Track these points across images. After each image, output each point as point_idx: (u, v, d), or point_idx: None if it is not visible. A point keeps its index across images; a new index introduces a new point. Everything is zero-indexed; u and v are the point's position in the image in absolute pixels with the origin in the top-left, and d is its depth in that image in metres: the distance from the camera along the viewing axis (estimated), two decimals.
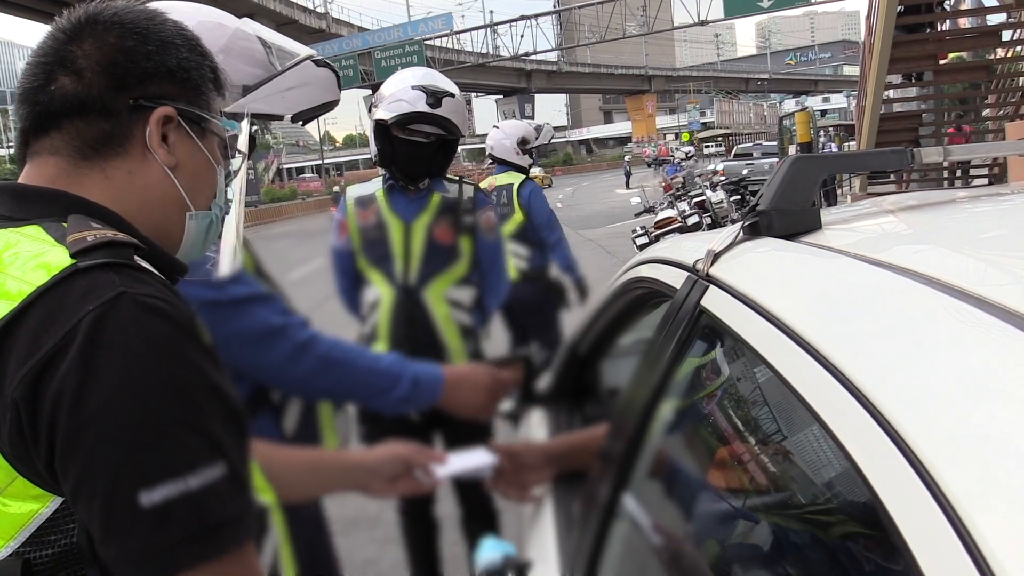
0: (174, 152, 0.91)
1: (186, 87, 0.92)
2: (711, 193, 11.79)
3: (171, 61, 0.91)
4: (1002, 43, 10.61)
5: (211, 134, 0.97)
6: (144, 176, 0.90)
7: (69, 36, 0.87)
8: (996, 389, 0.55)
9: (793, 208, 1.08)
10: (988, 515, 0.46)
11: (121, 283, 0.76)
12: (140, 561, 0.72)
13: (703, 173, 16.13)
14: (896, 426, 0.56)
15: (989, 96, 11.81)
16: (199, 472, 0.74)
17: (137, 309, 0.75)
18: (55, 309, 0.74)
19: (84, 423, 0.71)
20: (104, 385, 0.72)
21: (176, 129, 0.91)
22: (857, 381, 0.63)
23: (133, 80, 0.88)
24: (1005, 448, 0.49)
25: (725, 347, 1.06)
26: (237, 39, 1.47)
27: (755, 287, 0.95)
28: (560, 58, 66.49)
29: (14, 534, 0.77)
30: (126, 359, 0.73)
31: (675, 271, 1.28)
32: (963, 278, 0.71)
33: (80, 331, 0.72)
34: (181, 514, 0.72)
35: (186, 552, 0.73)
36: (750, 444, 1.02)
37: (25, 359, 0.73)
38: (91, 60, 0.86)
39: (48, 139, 0.88)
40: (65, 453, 0.72)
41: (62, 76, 0.86)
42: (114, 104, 0.87)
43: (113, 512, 0.72)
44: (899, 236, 1.13)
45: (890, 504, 0.53)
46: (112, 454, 0.72)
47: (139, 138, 0.89)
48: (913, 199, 1.39)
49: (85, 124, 0.87)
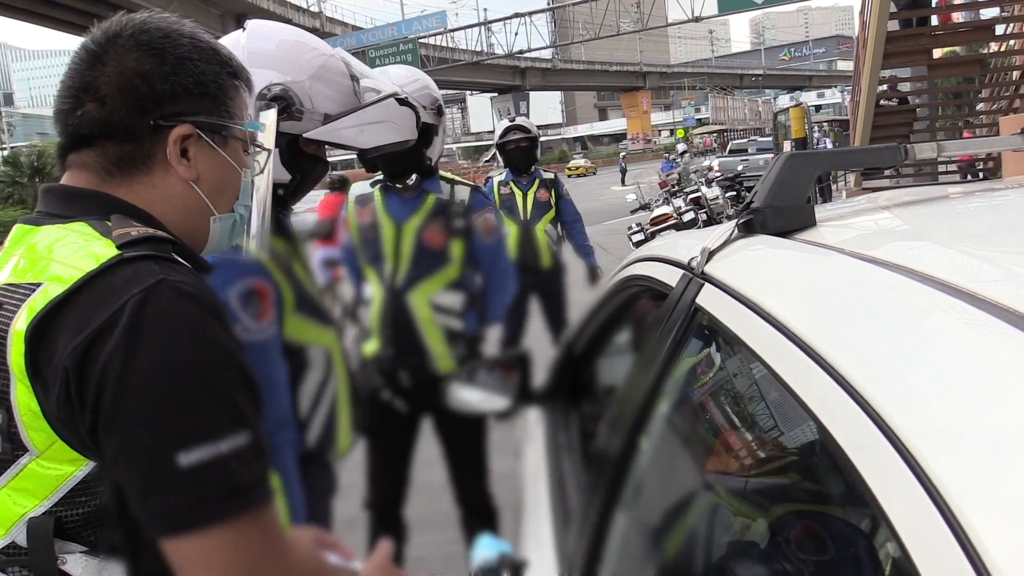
0: (195, 165, 0.99)
1: (204, 100, 0.99)
2: (706, 189, 11.80)
3: (187, 79, 0.97)
4: (995, 37, 10.62)
5: (233, 139, 1.04)
6: (168, 188, 0.98)
7: (93, 59, 0.95)
8: (990, 386, 0.55)
9: (787, 205, 1.08)
10: (982, 511, 0.46)
11: (161, 271, 0.86)
12: (176, 516, 0.81)
13: (698, 169, 16.14)
14: (890, 423, 0.56)
15: (983, 90, 11.82)
16: (228, 438, 0.83)
17: (175, 294, 0.84)
18: (103, 291, 0.84)
19: (128, 392, 0.81)
20: (147, 360, 0.81)
21: (196, 142, 0.98)
22: (852, 378, 0.63)
23: (151, 103, 0.95)
24: (999, 444, 0.49)
25: (721, 345, 1.06)
26: (328, 67, 1.51)
27: (750, 285, 0.95)
28: (554, 55, 66.40)
29: (49, 494, 0.87)
30: (166, 338, 0.83)
31: (670, 269, 1.28)
32: (957, 275, 0.71)
33: (125, 311, 0.82)
34: (213, 474, 0.82)
35: (217, 508, 0.82)
36: (746, 440, 1.02)
37: (76, 333, 0.82)
38: (112, 86, 0.94)
39: (80, 155, 0.97)
40: (110, 418, 0.81)
41: (88, 101, 0.95)
42: (136, 127, 0.95)
43: (154, 471, 0.81)
44: (894, 232, 1.13)
45: (884, 501, 0.53)
46: (153, 420, 0.81)
47: (161, 155, 0.97)
48: (907, 195, 1.39)
49: (112, 145, 0.96)
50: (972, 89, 11.96)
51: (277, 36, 1.55)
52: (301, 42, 1.53)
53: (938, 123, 12.41)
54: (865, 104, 9.95)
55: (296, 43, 1.53)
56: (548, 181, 4.92)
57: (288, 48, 1.52)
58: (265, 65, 1.47)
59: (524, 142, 4.85)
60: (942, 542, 0.46)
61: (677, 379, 1.18)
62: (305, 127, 1.49)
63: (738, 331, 0.90)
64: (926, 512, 0.48)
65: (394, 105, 1.59)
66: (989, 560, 0.43)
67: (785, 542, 0.94)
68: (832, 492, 0.80)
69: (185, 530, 0.82)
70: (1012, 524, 0.44)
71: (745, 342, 0.87)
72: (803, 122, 15.03)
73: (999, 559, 0.43)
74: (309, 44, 1.54)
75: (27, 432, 0.86)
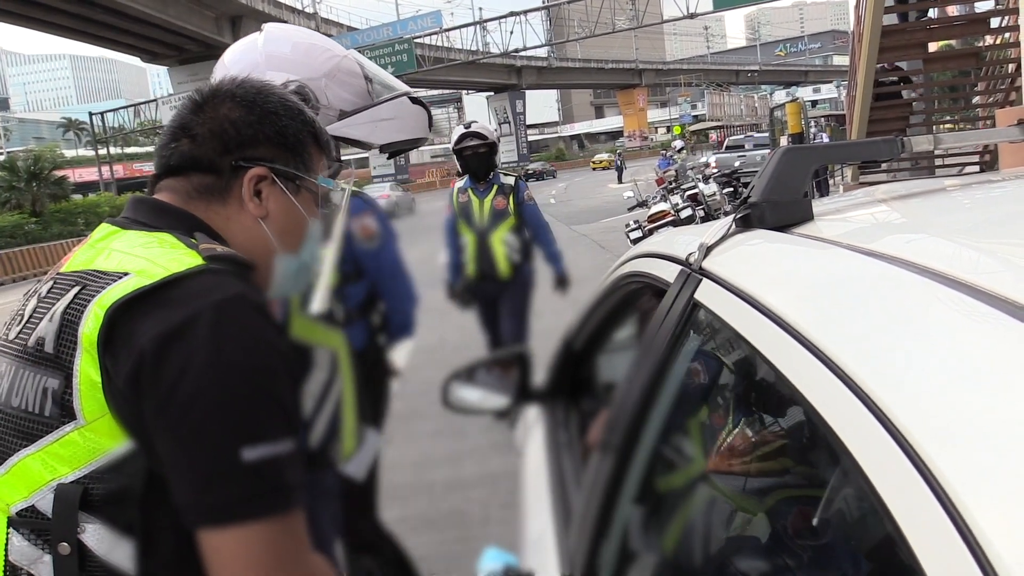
0: (266, 204, 1.10)
1: (282, 150, 1.11)
2: (704, 186, 11.80)
3: (270, 129, 1.10)
4: (991, 30, 10.63)
5: (306, 191, 1.14)
6: (239, 221, 1.09)
7: (196, 107, 1.09)
8: (991, 377, 0.55)
9: (785, 199, 1.08)
10: (985, 505, 0.46)
11: (241, 287, 0.95)
12: (232, 507, 0.88)
13: (695, 166, 16.14)
14: (891, 416, 0.55)
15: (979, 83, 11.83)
16: (282, 441, 0.91)
17: (252, 308, 0.94)
18: (189, 291, 0.92)
19: (207, 385, 0.88)
20: (227, 360, 0.89)
21: (270, 185, 1.10)
22: (852, 372, 0.63)
23: (235, 144, 1.08)
24: (1001, 436, 0.49)
25: (720, 341, 1.06)
26: (341, 68, 1.59)
27: (748, 280, 0.94)
28: (550, 54, 66.34)
29: (82, 464, 0.92)
30: (242, 345, 0.91)
31: (668, 265, 1.28)
32: (956, 267, 0.71)
33: (207, 313, 0.90)
34: (269, 472, 0.89)
35: (267, 503, 0.89)
36: (745, 434, 1.02)
37: (161, 322, 0.89)
38: (204, 128, 1.08)
39: (168, 182, 1.10)
40: (186, 406, 0.88)
41: (183, 138, 1.08)
42: (219, 163, 1.08)
43: (219, 463, 0.88)
44: (892, 225, 1.13)
45: (886, 494, 0.53)
46: (225, 415, 0.88)
47: (237, 191, 1.09)
48: (905, 188, 1.38)
49: (197, 175, 1.08)
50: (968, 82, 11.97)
51: (293, 39, 1.61)
52: (316, 44, 1.60)
53: (934, 116, 12.42)
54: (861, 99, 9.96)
55: (311, 45, 1.61)
56: (507, 187, 4.77)
57: (303, 51, 1.59)
58: (281, 68, 1.54)
59: (481, 148, 4.73)
60: (944, 534, 0.46)
61: (676, 375, 1.17)
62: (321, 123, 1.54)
63: (737, 326, 0.89)
64: (927, 504, 0.48)
65: (407, 103, 1.66)
66: (992, 552, 0.43)
67: (786, 537, 0.94)
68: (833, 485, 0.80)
69: (234, 522, 0.88)
70: (1014, 515, 0.44)
71: (744, 337, 0.86)
72: (799, 117, 15.05)
73: (1002, 551, 0.43)
74: (323, 46, 1.61)
75: (81, 401, 0.92)
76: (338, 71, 1.58)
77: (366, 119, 1.60)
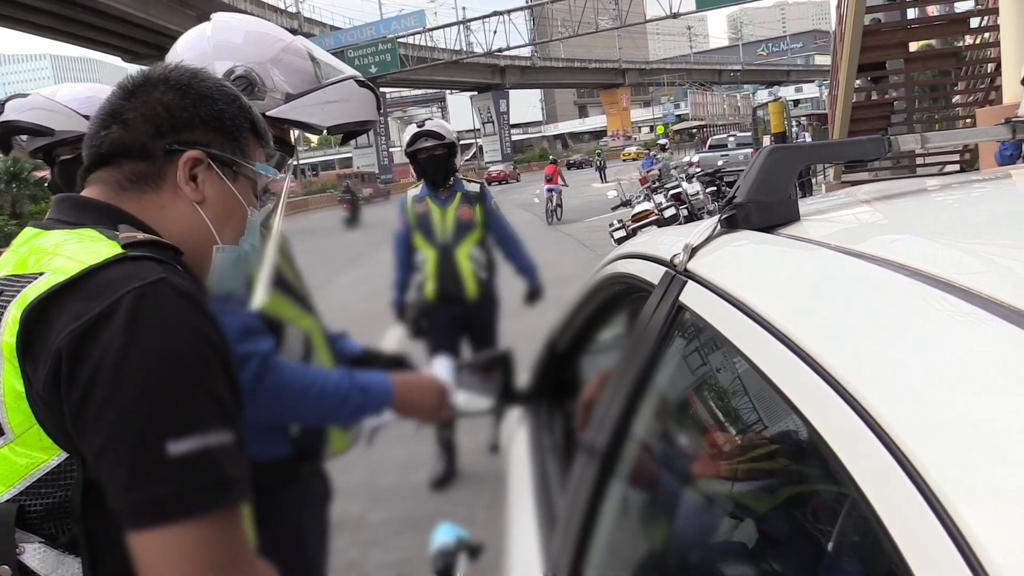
0: (202, 190, 1.05)
1: (218, 134, 1.07)
2: (687, 185, 11.86)
3: (205, 112, 1.06)
4: (970, 30, 10.72)
5: (243, 178, 1.11)
6: (175, 209, 1.05)
7: (127, 94, 1.05)
8: (976, 377, 0.54)
9: (770, 200, 1.07)
10: (973, 505, 0.45)
11: (163, 271, 0.90)
12: (160, 505, 0.82)
13: (679, 165, 16.20)
14: (877, 418, 0.55)
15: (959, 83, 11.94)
16: (216, 433, 0.86)
17: (174, 293, 0.88)
18: (105, 282, 0.87)
19: (124, 378, 0.83)
20: (145, 350, 0.84)
21: (206, 170, 1.05)
22: (837, 374, 0.62)
23: (168, 128, 1.03)
24: (987, 437, 0.48)
25: (705, 343, 1.05)
26: (287, 52, 1.61)
27: (734, 282, 0.93)
28: (533, 53, 66.50)
29: (16, 481, 0.87)
30: (163, 331, 0.86)
31: (653, 266, 1.27)
32: (941, 267, 0.71)
33: (124, 302, 0.85)
34: (201, 465, 0.84)
35: (200, 500, 0.84)
36: (731, 438, 1.01)
37: (75, 318, 0.85)
38: (136, 112, 1.03)
39: (98, 173, 1.05)
40: (103, 403, 0.83)
41: (114, 125, 1.03)
42: (152, 148, 1.03)
43: (142, 458, 0.82)
44: (877, 226, 1.13)
45: (872, 495, 0.52)
46: (146, 408, 0.83)
47: (171, 177, 1.04)
48: (889, 188, 1.38)
49: (128, 163, 1.03)
50: (948, 82, 12.07)
51: (243, 28, 1.62)
52: (266, 33, 1.62)
53: (915, 116, 12.52)
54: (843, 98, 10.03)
55: (261, 34, 1.62)
56: (471, 195, 4.19)
57: (253, 39, 1.60)
58: (231, 56, 1.55)
59: (438, 150, 4.09)
60: (932, 536, 0.46)
61: (662, 377, 1.16)
62: (268, 106, 1.56)
63: (722, 329, 0.89)
64: (914, 505, 0.48)
65: (353, 86, 1.65)
66: (982, 552, 0.42)
67: (772, 540, 0.93)
68: (817, 487, 0.79)
69: (165, 521, 0.82)
70: (1001, 513, 0.44)
71: (729, 339, 0.85)
72: (782, 116, 15.11)
73: (992, 552, 0.42)
74: (273, 34, 1.63)
75: (7, 413, 0.87)
76: (284, 55, 1.59)
77: (312, 101, 1.60)
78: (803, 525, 0.88)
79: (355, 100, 1.67)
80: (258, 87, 1.55)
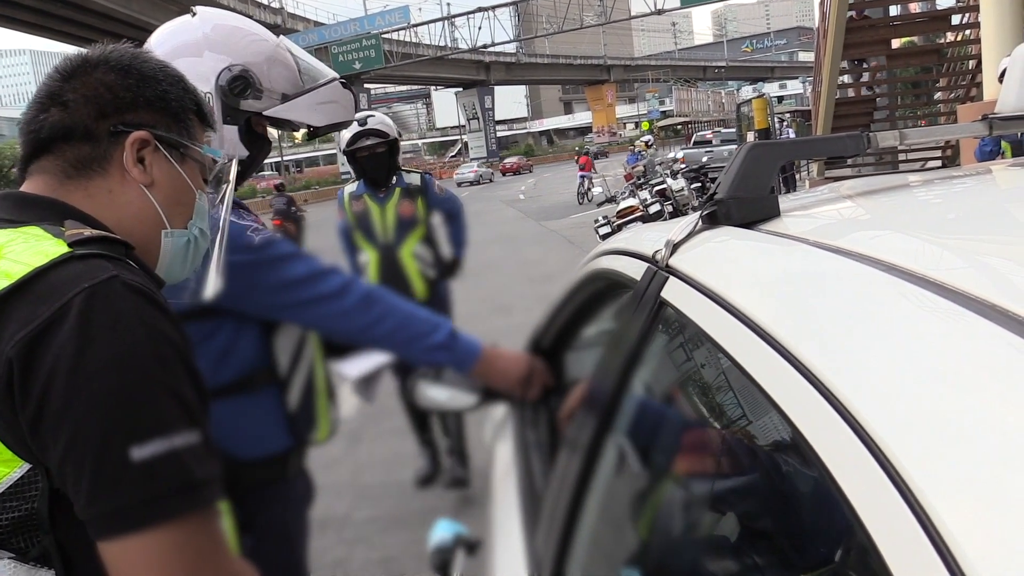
0: (150, 172, 1.01)
1: (164, 115, 1.03)
2: (672, 181, 11.90)
3: (149, 92, 1.02)
4: (952, 27, 10.80)
5: (191, 160, 1.07)
6: (123, 194, 1.00)
7: (65, 76, 1.00)
8: (955, 374, 0.55)
9: (751, 196, 1.07)
10: (949, 501, 0.46)
11: (114, 269, 0.86)
12: (127, 513, 0.79)
13: (663, 161, 16.24)
14: (856, 415, 0.55)
15: (941, 79, 12.01)
16: (181, 434, 0.82)
17: (127, 290, 0.84)
18: (52, 285, 0.83)
19: (80, 385, 0.79)
20: (98, 352, 0.80)
21: (153, 152, 1.02)
22: (816, 369, 0.62)
23: (112, 109, 0.99)
24: (965, 434, 0.49)
25: (687, 338, 1.06)
26: (279, 51, 1.65)
27: (714, 277, 0.94)
28: (519, 49, 66.49)
29: None
30: (118, 331, 0.82)
31: (636, 262, 1.27)
32: (920, 263, 0.71)
33: (75, 304, 0.81)
34: (166, 470, 0.81)
35: (169, 505, 0.81)
36: (713, 432, 1.02)
37: (23, 325, 0.81)
38: (77, 93, 0.98)
39: (39, 162, 1.00)
40: (59, 412, 0.79)
41: (53, 108, 0.98)
42: (95, 130, 0.98)
43: (104, 466, 0.79)
44: (856, 222, 1.13)
45: (849, 490, 0.53)
46: (105, 413, 0.79)
47: (118, 161, 1.00)
48: (869, 184, 1.39)
49: (70, 147, 0.98)
50: (930, 78, 12.15)
51: (232, 23, 1.66)
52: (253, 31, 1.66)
53: (897, 112, 12.60)
54: (826, 94, 10.07)
55: (248, 31, 1.66)
56: (413, 188, 3.93)
57: (243, 35, 1.64)
58: (222, 51, 1.57)
59: (380, 148, 3.84)
60: (909, 532, 0.46)
61: (644, 373, 1.17)
62: (265, 105, 1.60)
63: (703, 324, 0.89)
64: (891, 498, 0.48)
65: (340, 88, 1.72)
66: (957, 550, 0.43)
67: (754, 535, 0.93)
68: (799, 485, 0.80)
69: (133, 529, 0.79)
70: (978, 511, 0.44)
71: (710, 335, 0.86)
72: (766, 113, 15.15)
73: (967, 549, 0.43)
74: (260, 33, 1.67)
75: None
76: (278, 53, 1.63)
77: (306, 102, 1.65)
78: (784, 518, 0.89)
79: (342, 101, 1.73)
80: (255, 85, 1.58)
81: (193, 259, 1.11)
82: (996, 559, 0.41)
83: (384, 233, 3.88)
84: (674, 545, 1.10)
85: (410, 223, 3.88)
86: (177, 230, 1.05)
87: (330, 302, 1.58)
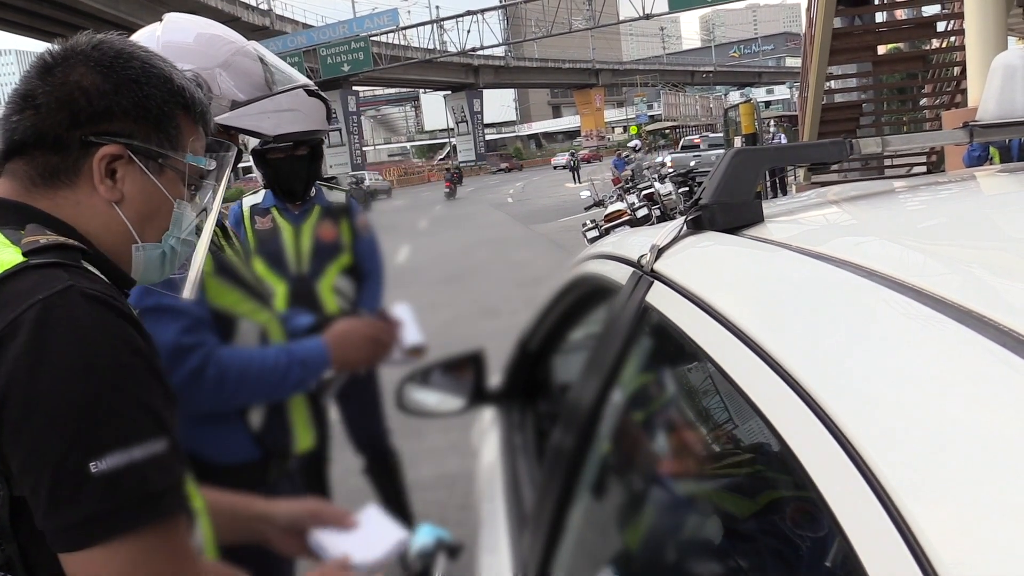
0: (120, 187, 0.96)
1: (142, 124, 0.97)
2: (660, 185, 11.91)
3: (128, 100, 0.95)
4: (937, 34, 10.88)
5: (171, 170, 1.01)
6: (92, 206, 0.95)
7: (44, 70, 0.94)
8: (936, 381, 0.55)
9: (735, 201, 1.08)
10: (925, 505, 0.46)
11: (70, 278, 0.83)
12: (87, 527, 0.78)
13: (651, 166, 16.27)
14: (837, 421, 0.56)
15: (926, 86, 12.09)
16: (144, 444, 0.81)
17: (84, 299, 0.82)
18: (5, 298, 0.80)
19: (37, 398, 0.78)
20: (56, 364, 0.79)
21: (126, 165, 0.96)
22: (797, 375, 0.63)
23: (85, 117, 0.93)
24: (944, 439, 0.49)
25: (671, 343, 1.06)
26: (238, 56, 1.57)
27: (698, 282, 0.94)
28: (507, 53, 66.49)
29: None
30: (76, 341, 0.80)
31: (621, 266, 1.27)
32: (903, 270, 0.71)
33: (28, 317, 0.79)
34: (127, 482, 0.79)
35: (130, 517, 0.80)
36: (696, 437, 1.02)
37: None
38: (50, 96, 0.93)
39: (12, 164, 0.95)
40: (16, 427, 0.78)
41: (27, 111, 0.93)
42: (66, 139, 0.93)
43: (63, 480, 0.77)
44: (840, 228, 1.14)
45: (829, 495, 0.53)
46: (63, 427, 0.78)
47: (88, 172, 0.94)
48: (855, 189, 1.40)
49: (40, 155, 0.94)
50: (915, 85, 12.22)
51: (195, 29, 1.60)
52: (217, 35, 1.59)
53: (884, 118, 12.67)
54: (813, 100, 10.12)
55: (212, 36, 1.59)
56: (335, 208, 3.03)
57: (205, 40, 1.58)
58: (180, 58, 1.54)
59: (300, 149, 2.83)
60: (886, 536, 0.46)
61: (628, 378, 1.17)
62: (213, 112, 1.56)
63: (686, 329, 0.89)
64: (870, 506, 0.49)
65: (302, 95, 1.65)
66: (931, 551, 0.43)
67: (738, 538, 0.94)
68: (781, 488, 0.80)
69: (94, 542, 0.78)
70: (953, 514, 0.45)
71: (693, 340, 0.86)
72: (753, 118, 15.23)
73: (940, 551, 0.43)
74: (225, 37, 1.60)
75: None
76: (235, 58, 1.57)
77: (257, 110, 1.58)
78: (767, 522, 0.89)
79: (304, 109, 1.66)
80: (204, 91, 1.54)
81: (170, 266, 1.07)
82: (971, 564, 0.42)
83: (297, 262, 2.96)
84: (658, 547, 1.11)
85: (331, 250, 2.99)
86: (149, 243, 1.01)
87: (184, 392, 1.48)
